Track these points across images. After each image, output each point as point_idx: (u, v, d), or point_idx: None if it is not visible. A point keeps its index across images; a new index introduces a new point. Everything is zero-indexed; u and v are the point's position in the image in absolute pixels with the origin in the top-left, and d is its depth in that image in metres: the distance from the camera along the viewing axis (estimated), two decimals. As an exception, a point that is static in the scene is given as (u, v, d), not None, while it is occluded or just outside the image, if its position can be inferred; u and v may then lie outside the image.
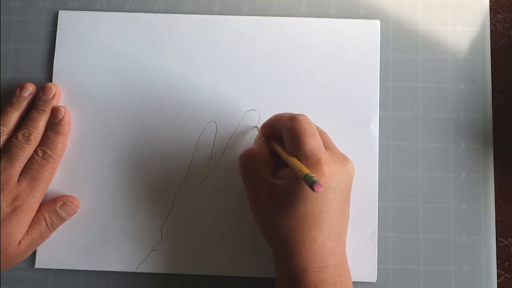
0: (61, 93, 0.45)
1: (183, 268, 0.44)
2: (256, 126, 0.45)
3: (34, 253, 0.44)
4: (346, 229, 0.39)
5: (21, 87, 0.45)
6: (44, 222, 0.42)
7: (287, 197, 0.36)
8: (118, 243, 0.44)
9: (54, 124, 0.44)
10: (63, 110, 0.44)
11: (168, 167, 0.44)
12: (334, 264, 0.37)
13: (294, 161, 0.36)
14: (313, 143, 0.37)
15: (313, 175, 0.33)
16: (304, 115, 0.38)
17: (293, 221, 0.36)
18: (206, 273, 0.44)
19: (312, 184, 0.32)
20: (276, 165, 0.39)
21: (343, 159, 0.38)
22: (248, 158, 0.39)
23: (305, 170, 0.34)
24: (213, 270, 0.44)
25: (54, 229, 0.43)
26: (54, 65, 0.46)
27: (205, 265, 0.44)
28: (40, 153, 0.43)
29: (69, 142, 0.45)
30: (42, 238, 0.43)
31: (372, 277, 0.43)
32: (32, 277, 0.44)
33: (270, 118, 0.41)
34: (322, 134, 0.40)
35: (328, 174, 0.36)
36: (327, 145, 0.39)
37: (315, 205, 0.36)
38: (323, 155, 0.37)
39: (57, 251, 0.44)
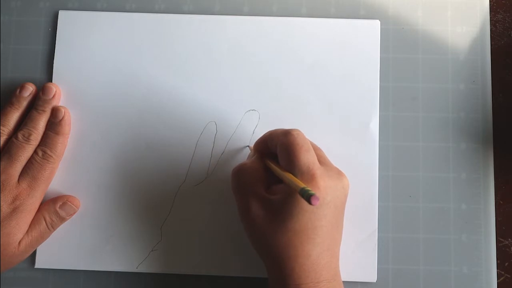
0: (61, 93, 0.45)
1: (183, 268, 0.44)
2: (248, 146, 0.44)
3: (34, 253, 0.44)
4: (339, 244, 0.39)
5: (21, 87, 0.45)
6: (44, 222, 0.42)
7: (281, 212, 0.36)
8: (118, 243, 0.44)
9: (54, 124, 0.44)
10: (63, 110, 0.44)
11: (168, 167, 0.44)
12: (328, 279, 0.37)
13: (289, 176, 0.36)
14: (307, 158, 0.36)
15: (309, 188, 0.33)
16: (298, 130, 0.38)
17: (286, 237, 0.36)
18: (206, 273, 0.44)
19: (309, 197, 0.32)
20: (269, 182, 0.39)
21: (338, 174, 0.38)
22: (241, 173, 0.39)
23: (301, 184, 0.34)
24: (213, 270, 0.44)
25: (54, 229, 0.43)
26: (54, 65, 0.46)
27: (205, 265, 0.44)
28: (40, 153, 0.43)
29: (69, 142, 0.45)
30: (42, 238, 0.43)
31: (372, 277, 0.43)
32: (32, 277, 0.44)
33: (263, 135, 0.40)
34: (316, 149, 0.39)
35: (323, 189, 0.36)
36: (321, 160, 0.38)
37: (309, 220, 0.36)
38: (318, 169, 0.36)
39: (57, 251, 0.44)
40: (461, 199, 0.44)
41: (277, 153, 0.38)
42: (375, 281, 0.43)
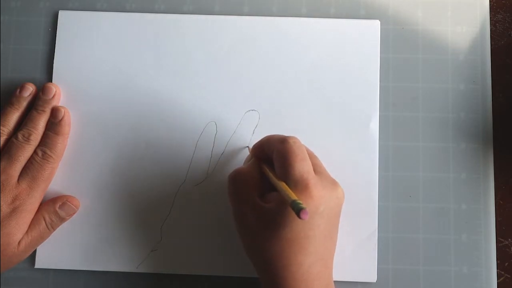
0: (61, 93, 0.45)
1: (183, 268, 0.44)
2: (247, 146, 0.44)
3: (34, 253, 0.44)
4: (333, 254, 0.39)
5: (21, 87, 0.45)
6: (43, 222, 0.42)
7: (274, 220, 0.36)
8: (118, 243, 0.44)
9: (54, 124, 0.44)
10: (63, 110, 0.44)
11: (168, 167, 0.44)
12: None
13: (283, 186, 0.36)
14: (303, 167, 0.36)
15: (301, 201, 0.33)
16: (295, 138, 0.38)
17: (279, 245, 0.36)
18: (206, 273, 0.44)
19: (298, 211, 0.32)
20: (265, 188, 0.39)
21: (333, 183, 0.38)
22: (237, 179, 0.39)
23: (293, 196, 0.34)
24: (213, 270, 0.44)
25: (54, 229, 0.43)
26: (54, 65, 0.46)
27: (205, 265, 0.44)
28: (40, 153, 0.43)
29: (69, 142, 0.45)
30: (42, 238, 0.43)
31: (372, 277, 0.43)
32: (32, 277, 0.44)
33: (261, 140, 0.40)
34: (312, 157, 0.39)
35: (317, 199, 0.36)
36: (317, 169, 0.38)
37: (302, 230, 0.36)
38: (312, 179, 0.36)
39: (57, 251, 0.44)
40: (461, 199, 0.44)
41: (273, 160, 0.38)
42: (375, 281, 0.43)
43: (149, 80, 0.46)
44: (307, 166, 0.37)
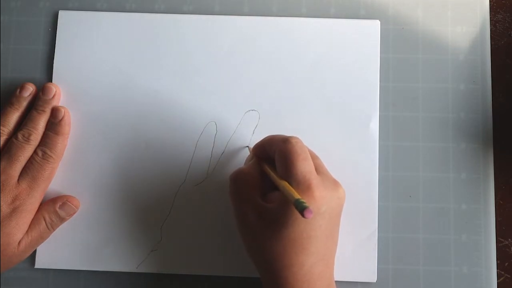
0: (61, 93, 0.45)
1: (183, 268, 0.44)
2: (247, 146, 0.44)
3: (34, 253, 0.44)
4: (334, 254, 0.39)
5: (21, 87, 0.45)
6: (44, 222, 0.42)
7: (276, 220, 0.36)
8: (118, 243, 0.44)
9: (54, 124, 0.44)
10: (63, 110, 0.44)
11: (168, 167, 0.44)
12: None
13: (285, 185, 0.36)
14: (305, 167, 0.36)
15: (304, 200, 0.33)
16: (297, 138, 0.38)
17: (281, 246, 0.36)
18: (206, 273, 0.44)
19: (302, 210, 0.32)
20: (266, 187, 0.39)
21: (334, 184, 0.38)
22: (238, 179, 0.39)
23: (296, 195, 0.34)
24: (213, 270, 0.44)
25: (54, 229, 0.43)
26: (54, 65, 0.46)
27: (205, 265, 0.44)
28: (40, 153, 0.43)
29: (69, 142, 0.45)
30: (42, 238, 0.43)
31: (372, 277, 0.43)
32: (32, 277, 0.44)
33: (263, 139, 0.40)
34: (314, 157, 0.39)
35: (319, 199, 0.36)
36: (319, 169, 0.38)
37: (304, 230, 0.36)
38: (314, 179, 0.36)
39: (57, 251, 0.44)
40: (461, 199, 0.44)
41: (275, 160, 0.38)
42: (375, 281, 0.43)
43: (149, 80, 0.46)
44: (309, 166, 0.37)
